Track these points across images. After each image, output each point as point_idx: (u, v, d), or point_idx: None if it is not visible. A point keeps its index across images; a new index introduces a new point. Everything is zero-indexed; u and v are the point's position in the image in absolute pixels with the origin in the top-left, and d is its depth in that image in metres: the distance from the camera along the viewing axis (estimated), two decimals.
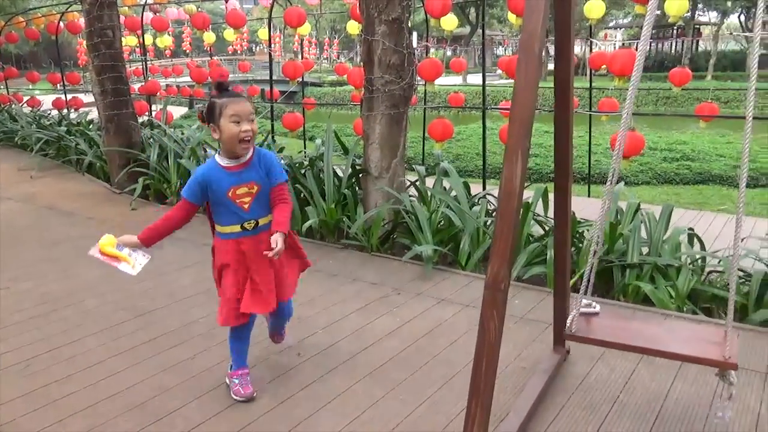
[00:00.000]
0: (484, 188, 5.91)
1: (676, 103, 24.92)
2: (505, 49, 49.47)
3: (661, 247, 4.01)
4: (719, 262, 3.94)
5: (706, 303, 3.74)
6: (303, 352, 2.99)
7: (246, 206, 2.41)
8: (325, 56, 36.36)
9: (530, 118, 1.76)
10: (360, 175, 5.03)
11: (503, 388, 2.62)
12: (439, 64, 6.16)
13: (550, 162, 11.46)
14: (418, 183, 5.08)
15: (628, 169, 10.87)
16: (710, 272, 4.01)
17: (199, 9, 10.49)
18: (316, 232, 4.91)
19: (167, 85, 13.28)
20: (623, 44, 37.03)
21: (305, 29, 9.44)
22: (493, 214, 4.77)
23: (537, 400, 2.44)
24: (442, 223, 4.64)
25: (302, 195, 5.06)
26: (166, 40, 12.24)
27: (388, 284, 3.88)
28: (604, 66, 6.92)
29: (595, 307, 2.56)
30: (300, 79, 8.82)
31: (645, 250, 4.06)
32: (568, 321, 2.46)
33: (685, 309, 3.57)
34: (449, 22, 7.70)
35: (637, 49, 2.20)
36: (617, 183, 4.93)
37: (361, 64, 4.91)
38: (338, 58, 33.72)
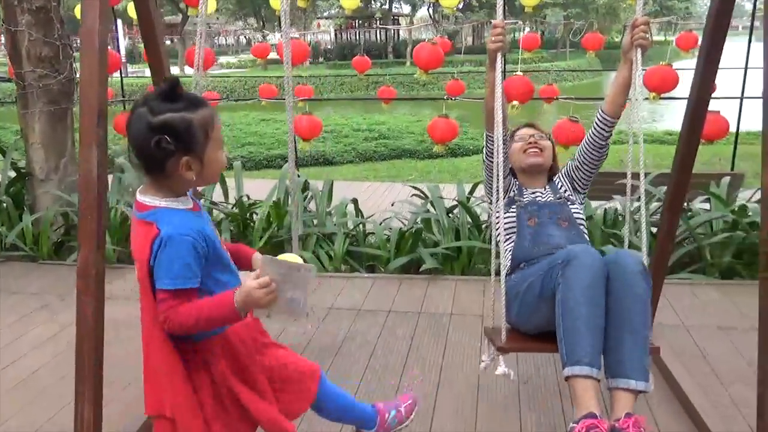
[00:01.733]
0: None
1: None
2: (226, 39, 48.83)
3: (326, 218, 4.51)
4: (372, 226, 4.57)
5: (369, 261, 4.32)
6: None
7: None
8: None
9: (99, 110, 1.85)
10: (27, 179, 4.63)
11: None
12: (117, 56, 5.91)
13: (264, 149, 11.82)
14: None
15: (335, 150, 11.78)
16: (368, 234, 4.62)
17: None
18: None
19: None
20: (336, 33, 39.65)
21: None
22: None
23: None
24: (128, 222, 4.51)
25: None
26: None
27: (53, 292, 3.67)
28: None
29: None
30: None
31: (316, 221, 4.51)
32: None
33: (343, 269, 4.10)
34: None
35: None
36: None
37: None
38: None
